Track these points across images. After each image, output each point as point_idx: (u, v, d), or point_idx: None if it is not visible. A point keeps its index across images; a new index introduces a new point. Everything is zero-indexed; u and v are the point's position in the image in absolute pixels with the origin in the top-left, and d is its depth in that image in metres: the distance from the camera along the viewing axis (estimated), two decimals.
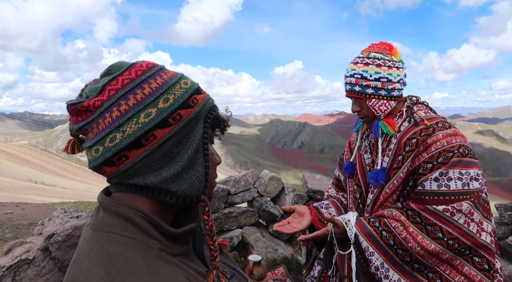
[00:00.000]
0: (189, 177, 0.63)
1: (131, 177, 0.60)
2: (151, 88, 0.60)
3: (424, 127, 1.37)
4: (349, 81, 1.42)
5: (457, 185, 1.26)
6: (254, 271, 2.81)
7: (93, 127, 0.59)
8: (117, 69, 0.62)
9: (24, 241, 2.43)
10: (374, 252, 1.33)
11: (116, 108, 0.58)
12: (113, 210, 0.61)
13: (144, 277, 0.54)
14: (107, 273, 0.53)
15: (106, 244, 0.58)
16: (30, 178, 29.37)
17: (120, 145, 0.58)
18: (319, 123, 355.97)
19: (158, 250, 0.60)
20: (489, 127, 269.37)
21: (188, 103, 0.63)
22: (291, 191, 3.75)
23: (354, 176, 1.60)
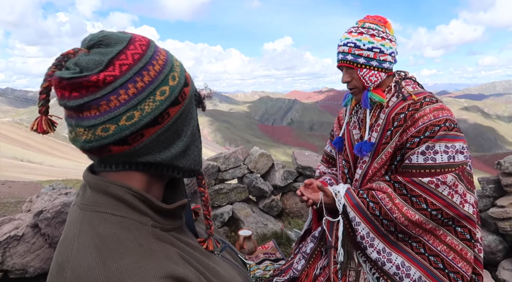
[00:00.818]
0: (192, 152, 0.66)
1: (143, 155, 0.59)
2: (159, 65, 0.59)
3: (412, 102, 1.39)
4: (342, 50, 1.42)
5: (442, 158, 1.29)
6: (245, 246, 2.87)
7: (100, 104, 0.53)
8: (116, 41, 0.57)
9: (13, 218, 2.41)
10: (360, 222, 1.38)
11: (132, 85, 0.55)
12: (101, 189, 0.59)
13: (137, 258, 0.52)
14: (99, 254, 0.52)
15: (97, 224, 0.56)
16: (16, 156, 28.87)
17: (139, 123, 0.56)
18: (309, 101, 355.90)
19: (151, 226, 0.59)
20: (475, 104, 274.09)
21: (187, 81, 0.64)
22: (281, 167, 3.78)
23: (343, 151, 1.62)
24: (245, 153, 3.77)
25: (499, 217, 2.58)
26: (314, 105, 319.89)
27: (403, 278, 1.31)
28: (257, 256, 2.86)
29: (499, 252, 2.65)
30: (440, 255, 1.31)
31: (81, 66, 0.54)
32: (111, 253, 0.52)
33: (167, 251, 0.57)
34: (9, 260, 2.16)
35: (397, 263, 1.33)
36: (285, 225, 3.52)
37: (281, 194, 3.87)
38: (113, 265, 0.50)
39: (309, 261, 1.63)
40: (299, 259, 1.67)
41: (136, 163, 0.60)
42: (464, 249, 1.31)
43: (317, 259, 1.62)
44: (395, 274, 1.33)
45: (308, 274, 1.59)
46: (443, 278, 1.30)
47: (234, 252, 0.86)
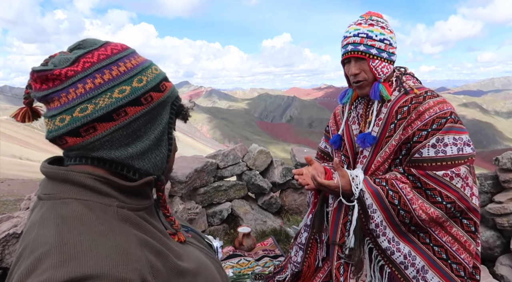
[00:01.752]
0: (153, 156, 0.67)
1: (96, 149, 0.60)
2: (126, 67, 0.63)
3: (414, 95, 1.39)
4: (352, 41, 1.39)
5: (452, 150, 1.29)
6: (244, 242, 2.88)
7: (61, 96, 0.58)
8: (91, 44, 0.63)
9: (11, 216, 2.41)
10: (376, 209, 1.35)
11: (91, 80, 0.59)
12: (61, 177, 0.60)
13: (95, 237, 0.53)
14: (57, 231, 0.53)
15: (59, 208, 0.57)
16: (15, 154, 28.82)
17: (90, 116, 0.58)
18: (308, 98, 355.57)
19: (117, 207, 0.60)
20: (473, 100, 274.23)
21: (159, 87, 0.66)
22: (279, 164, 3.79)
23: (342, 147, 1.62)
24: (244, 150, 3.78)
25: (497, 213, 2.59)
26: (313, 102, 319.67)
27: (408, 267, 1.32)
28: (256, 253, 2.87)
29: (497, 247, 2.66)
30: (444, 246, 1.32)
31: (54, 63, 0.60)
32: (70, 230, 0.53)
33: (127, 233, 0.58)
34: (8, 257, 2.16)
35: (405, 253, 1.33)
36: (284, 221, 3.53)
37: (280, 191, 3.88)
38: (69, 240, 0.52)
39: (307, 251, 1.62)
40: (297, 251, 1.67)
41: (91, 158, 0.62)
42: (468, 241, 1.33)
43: (314, 248, 1.62)
44: (401, 263, 1.33)
45: (310, 265, 1.59)
46: (445, 268, 1.31)
47: (199, 236, 0.89)
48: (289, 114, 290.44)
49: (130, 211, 0.62)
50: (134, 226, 0.61)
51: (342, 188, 1.38)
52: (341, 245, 1.46)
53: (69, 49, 0.64)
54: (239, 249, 2.91)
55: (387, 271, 1.37)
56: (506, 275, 2.49)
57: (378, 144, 1.42)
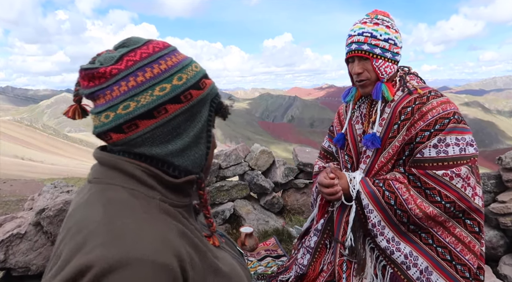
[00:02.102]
0: (192, 153, 0.67)
1: (138, 145, 0.62)
2: (167, 65, 0.64)
3: (418, 96, 1.38)
4: (356, 39, 1.38)
5: (454, 150, 1.29)
6: (246, 242, 2.88)
7: (106, 93, 0.61)
8: (134, 43, 0.65)
9: (15, 216, 2.42)
10: (373, 209, 1.37)
11: (133, 78, 0.61)
12: (111, 164, 0.64)
13: (140, 221, 0.56)
14: (105, 212, 0.56)
15: (107, 191, 0.61)
16: (17, 154, 28.92)
17: (133, 113, 0.60)
18: (309, 97, 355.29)
19: (159, 200, 0.63)
20: (475, 99, 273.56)
21: (199, 85, 0.67)
22: (281, 164, 3.78)
23: (345, 147, 1.61)
24: (246, 150, 3.78)
25: (500, 213, 2.58)
26: (315, 102, 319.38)
27: (410, 267, 1.32)
28: (258, 253, 2.87)
29: (500, 247, 2.66)
30: (448, 247, 1.32)
31: (101, 61, 0.63)
32: (117, 212, 0.57)
33: (169, 225, 0.60)
34: (12, 258, 2.17)
35: (405, 252, 1.33)
36: (286, 221, 3.53)
37: (282, 191, 3.88)
38: (117, 221, 0.55)
39: (315, 255, 1.62)
40: (304, 254, 1.67)
41: (134, 153, 0.64)
42: (472, 241, 1.32)
43: (322, 253, 1.62)
44: (402, 263, 1.33)
45: (315, 269, 1.59)
46: (450, 269, 1.30)
47: (232, 243, 0.90)
48: (291, 114, 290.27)
49: (171, 206, 0.65)
50: (174, 219, 0.63)
51: (342, 190, 1.43)
52: (343, 243, 1.46)
53: (114, 48, 0.66)
54: (242, 249, 2.91)
55: (390, 271, 1.37)
56: (509, 274, 2.48)
57: (381, 144, 1.42)
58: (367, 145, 1.45)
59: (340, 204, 1.51)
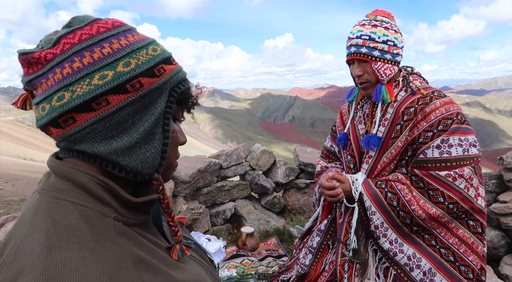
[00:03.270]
0: (142, 152, 0.58)
1: (78, 142, 0.55)
2: (111, 49, 0.55)
3: (421, 96, 1.38)
4: (355, 42, 1.39)
5: (457, 151, 1.29)
6: (247, 242, 2.89)
7: (42, 82, 0.53)
8: (79, 22, 0.56)
9: (17, 216, 2.43)
10: (376, 211, 1.37)
11: (69, 64, 0.52)
12: (64, 175, 0.56)
13: (85, 254, 0.48)
14: (46, 240, 0.48)
15: (54, 211, 0.52)
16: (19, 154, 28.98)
17: (67, 106, 0.52)
18: (310, 97, 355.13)
19: (113, 219, 0.55)
20: (476, 99, 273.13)
21: (153, 71, 0.57)
22: (282, 164, 3.79)
23: (348, 147, 1.61)
24: (247, 150, 3.78)
25: (501, 213, 2.58)
26: (316, 102, 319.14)
27: (413, 268, 1.32)
28: (259, 253, 2.88)
29: (502, 247, 2.65)
30: (451, 248, 1.32)
31: (42, 44, 0.55)
32: (60, 242, 0.48)
33: (122, 252, 0.52)
34: None
35: (409, 254, 1.33)
36: (287, 221, 3.53)
37: (283, 191, 3.88)
38: (57, 256, 0.46)
39: (317, 255, 1.63)
40: (306, 254, 1.67)
41: (76, 151, 0.56)
42: (476, 242, 1.32)
43: (324, 253, 1.62)
44: (405, 264, 1.33)
45: (317, 269, 1.60)
46: (453, 270, 1.30)
47: (202, 251, 0.82)
48: (292, 114, 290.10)
49: (125, 225, 0.57)
50: (129, 240, 0.56)
51: (345, 193, 1.45)
52: (346, 243, 1.46)
53: (62, 27, 0.57)
54: (243, 249, 2.92)
55: (393, 273, 1.37)
56: (511, 275, 2.48)
57: (384, 144, 1.42)
58: (362, 146, 1.46)
59: (344, 206, 1.51)
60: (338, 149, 1.76)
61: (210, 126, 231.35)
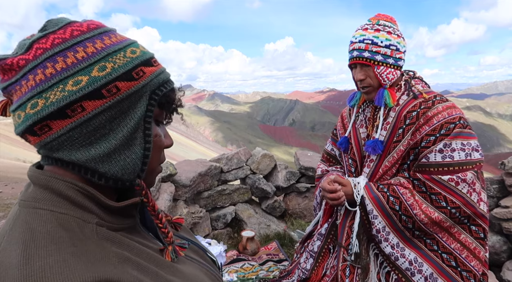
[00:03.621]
0: (122, 158, 0.56)
1: (55, 150, 0.53)
2: (85, 53, 0.53)
3: (423, 100, 1.38)
4: (357, 47, 1.39)
5: (460, 155, 1.28)
6: (248, 246, 2.87)
7: (16, 89, 0.52)
8: (53, 25, 0.54)
9: None
10: (378, 215, 1.36)
11: (41, 70, 0.51)
12: (42, 184, 0.55)
13: (66, 257, 0.47)
14: (24, 251, 0.47)
15: (31, 220, 0.51)
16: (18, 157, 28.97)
17: (41, 113, 0.51)
18: (310, 101, 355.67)
19: (96, 224, 0.54)
20: (476, 103, 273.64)
21: (131, 75, 0.55)
22: (283, 168, 3.78)
23: (349, 150, 1.61)
24: (248, 153, 3.77)
25: (503, 218, 2.57)
26: (316, 105, 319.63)
27: (414, 273, 1.31)
28: (260, 257, 2.86)
29: (503, 252, 2.64)
30: (453, 253, 1.31)
31: (16, 50, 0.54)
32: (38, 250, 0.47)
33: (105, 253, 0.51)
34: None
35: (410, 259, 1.32)
36: (288, 225, 3.52)
37: (284, 195, 3.87)
38: (36, 263, 0.45)
39: (318, 260, 1.62)
40: (307, 258, 1.66)
41: (54, 159, 0.55)
42: (478, 247, 1.31)
43: (325, 257, 1.61)
44: (407, 269, 1.32)
45: (318, 273, 1.59)
46: (455, 276, 1.30)
47: (203, 250, 0.80)
48: (292, 117, 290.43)
49: (110, 230, 0.56)
50: (114, 244, 0.54)
51: (347, 196, 1.44)
52: (347, 248, 1.46)
53: (38, 31, 0.55)
54: (243, 253, 2.90)
55: (394, 277, 1.36)
56: None
57: (385, 148, 1.42)
58: (368, 151, 1.45)
59: (345, 210, 1.51)
60: (338, 152, 1.76)
61: (210, 130, 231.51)
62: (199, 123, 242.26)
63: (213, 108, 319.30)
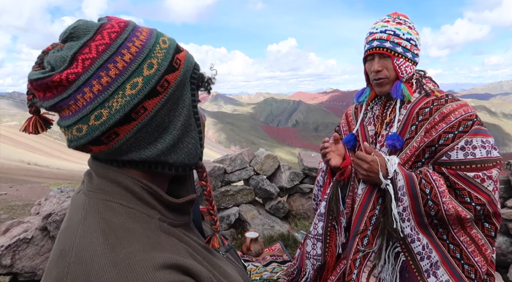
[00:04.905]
0: (185, 145, 0.59)
1: (124, 153, 0.55)
2: (131, 54, 0.53)
3: (435, 98, 1.37)
4: (378, 37, 1.38)
5: (481, 152, 1.27)
6: (252, 248, 2.87)
7: (70, 104, 0.51)
8: (84, 32, 0.53)
9: (22, 221, 2.43)
10: (405, 193, 1.31)
11: (97, 81, 0.51)
12: (110, 177, 0.57)
13: (145, 247, 0.50)
14: (106, 240, 0.49)
15: (104, 211, 0.54)
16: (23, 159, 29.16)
17: (108, 123, 0.52)
18: (313, 102, 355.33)
19: (159, 220, 0.57)
20: (481, 103, 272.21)
21: (173, 65, 0.56)
22: (287, 168, 3.77)
23: (357, 148, 1.59)
24: (251, 154, 3.77)
25: (509, 218, 2.54)
26: (319, 106, 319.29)
27: (424, 258, 1.30)
28: (264, 258, 2.85)
29: (510, 253, 2.61)
30: (460, 245, 1.30)
31: (51, 64, 0.52)
32: (119, 240, 0.50)
33: (175, 245, 0.55)
34: (19, 262, 2.17)
35: (423, 244, 1.31)
36: (291, 226, 3.51)
37: (288, 196, 3.86)
38: (121, 251, 0.48)
39: (326, 240, 1.57)
40: (314, 244, 1.61)
41: (122, 161, 0.57)
42: (486, 245, 1.30)
43: (333, 236, 1.57)
44: (418, 253, 1.30)
45: (332, 254, 1.55)
46: (456, 267, 1.29)
47: (237, 255, 0.84)
48: (295, 118, 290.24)
49: (171, 226, 0.59)
50: (177, 239, 0.58)
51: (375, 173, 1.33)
52: (363, 235, 1.40)
53: (61, 40, 0.54)
54: (247, 254, 2.90)
55: (402, 259, 1.34)
56: None
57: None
58: (393, 145, 1.40)
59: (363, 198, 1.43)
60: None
61: (213, 131, 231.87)
62: None
63: (216, 110, 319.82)
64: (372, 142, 1.51)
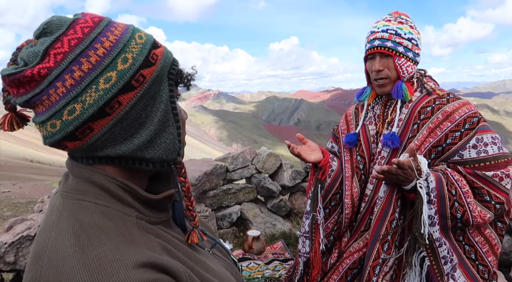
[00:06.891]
0: (163, 140, 0.59)
1: (100, 149, 0.55)
2: (104, 48, 0.52)
3: (437, 97, 1.37)
4: (380, 36, 1.37)
5: (493, 149, 1.26)
6: (253, 246, 2.87)
7: (43, 99, 0.51)
8: (57, 27, 0.52)
9: (25, 218, 2.44)
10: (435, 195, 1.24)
11: (69, 75, 0.50)
12: (85, 176, 0.56)
13: (118, 245, 0.50)
14: (77, 241, 0.49)
15: (77, 211, 0.53)
16: (26, 157, 29.30)
17: (81, 117, 0.51)
18: (315, 100, 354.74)
19: (136, 218, 0.57)
20: (484, 102, 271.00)
21: (149, 60, 0.56)
22: (289, 167, 3.77)
23: (358, 147, 1.59)
24: (253, 153, 3.77)
25: None
26: (321, 105, 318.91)
27: (447, 262, 1.26)
28: (266, 256, 2.86)
29: None
30: (475, 246, 1.30)
31: (24, 60, 0.51)
32: (90, 240, 0.49)
33: (150, 242, 0.55)
34: (22, 260, 2.19)
35: (448, 247, 1.28)
36: (293, 225, 3.51)
37: (290, 194, 3.86)
38: (92, 252, 0.48)
39: (312, 238, 1.58)
40: (303, 242, 1.62)
41: (98, 157, 0.56)
42: (498, 244, 1.31)
43: (317, 232, 1.57)
44: (443, 257, 1.26)
45: (316, 251, 1.55)
46: (472, 269, 1.29)
47: (226, 251, 0.83)
48: (297, 117, 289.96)
49: (148, 223, 0.58)
50: (154, 235, 0.57)
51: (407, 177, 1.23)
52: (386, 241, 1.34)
53: (35, 36, 0.54)
54: (249, 252, 2.90)
55: (427, 264, 1.28)
56: None
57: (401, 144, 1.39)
58: (387, 144, 1.40)
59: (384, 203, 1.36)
60: (337, 147, 1.75)
61: (215, 129, 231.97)
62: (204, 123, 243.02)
63: (218, 108, 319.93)
64: (373, 141, 1.51)
